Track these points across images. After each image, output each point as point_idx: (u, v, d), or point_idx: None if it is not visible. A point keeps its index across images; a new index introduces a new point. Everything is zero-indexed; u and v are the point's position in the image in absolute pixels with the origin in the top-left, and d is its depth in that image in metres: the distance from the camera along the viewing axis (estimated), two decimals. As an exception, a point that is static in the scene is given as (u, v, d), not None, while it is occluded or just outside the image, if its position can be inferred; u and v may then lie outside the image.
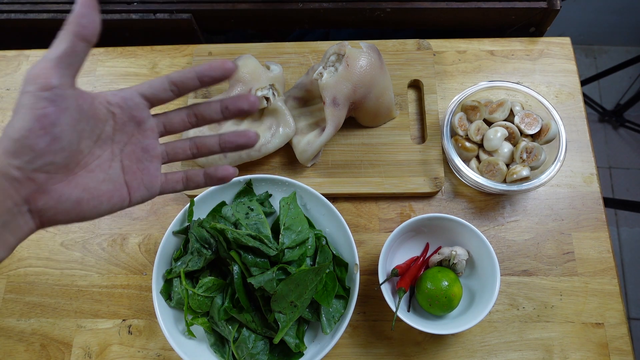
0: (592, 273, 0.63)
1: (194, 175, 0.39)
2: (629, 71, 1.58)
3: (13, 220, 0.31)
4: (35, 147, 0.30)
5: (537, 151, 0.62)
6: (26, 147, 0.30)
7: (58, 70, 0.30)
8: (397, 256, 0.63)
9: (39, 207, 0.32)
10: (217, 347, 0.57)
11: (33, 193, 0.31)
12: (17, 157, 0.30)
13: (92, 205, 0.34)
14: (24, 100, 0.30)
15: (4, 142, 0.30)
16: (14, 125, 0.30)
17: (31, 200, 0.31)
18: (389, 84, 0.67)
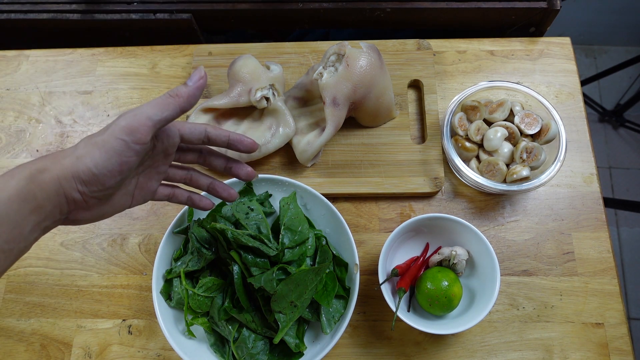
0: (592, 273, 0.63)
1: (179, 195, 0.45)
2: (629, 71, 1.58)
3: (52, 225, 0.36)
4: (106, 184, 0.35)
5: (537, 151, 0.62)
6: (99, 183, 0.35)
7: (154, 130, 0.35)
8: (397, 256, 0.63)
9: (77, 218, 0.37)
10: (217, 347, 0.57)
11: (79, 209, 0.37)
12: (87, 186, 0.35)
13: (108, 212, 0.40)
14: (115, 144, 0.34)
15: (80, 169, 0.34)
16: (98, 162, 0.34)
17: (73, 214, 0.37)
18: (389, 84, 0.67)
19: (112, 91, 0.77)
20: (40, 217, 0.34)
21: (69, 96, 0.77)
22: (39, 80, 0.78)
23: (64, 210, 0.36)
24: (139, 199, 0.42)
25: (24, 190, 0.32)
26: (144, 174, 0.41)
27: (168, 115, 0.35)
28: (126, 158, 0.34)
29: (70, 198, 0.35)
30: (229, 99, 0.66)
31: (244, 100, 0.65)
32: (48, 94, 0.77)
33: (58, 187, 0.34)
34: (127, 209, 0.43)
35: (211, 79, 0.74)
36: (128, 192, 0.40)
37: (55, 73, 0.78)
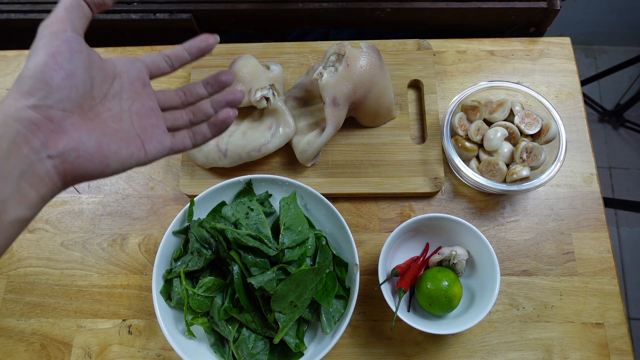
0: (592, 273, 0.63)
1: (199, 129, 0.41)
2: (629, 71, 1.58)
3: (31, 170, 0.30)
4: (50, 81, 0.31)
5: (537, 151, 0.62)
6: (41, 82, 0.30)
7: (69, 18, 0.33)
8: (397, 256, 0.63)
9: (60, 149, 0.31)
10: (217, 347, 0.57)
11: (51, 134, 0.31)
12: (33, 94, 0.30)
13: (113, 149, 0.34)
14: (39, 43, 0.31)
15: (18, 85, 0.31)
16: (29, 65, 0.31)
17: (50, 143, 0.31)
18: (389, 84, 0.67)
19: (112, 91, 0.77)
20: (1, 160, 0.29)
21: (69, 96, 0.77)
22: (39, 80, 0.78)
23: (33, 143, 0.30)
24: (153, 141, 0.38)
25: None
26: (135, 110, 0.37)
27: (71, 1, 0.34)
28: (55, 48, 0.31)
29: (23, 120, 0.30)
30: (229, 99, 0.66)
31: (244, 100, 0.65)
32: (48, 94, 0.77)
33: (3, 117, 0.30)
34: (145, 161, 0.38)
35: (211, 79, 0.74)
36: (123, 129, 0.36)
37: (55, 73, 0.78)
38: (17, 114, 0.30)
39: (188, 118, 0.41)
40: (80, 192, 0.70)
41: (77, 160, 0.32)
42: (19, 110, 0.30)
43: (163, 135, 0.39)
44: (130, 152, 0.36)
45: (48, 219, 0.69)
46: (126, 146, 0.36)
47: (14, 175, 0.29)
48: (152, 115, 0.39)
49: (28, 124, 0.30)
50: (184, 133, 0.41)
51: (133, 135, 0.37)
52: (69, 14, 0.33)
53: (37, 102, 0.30)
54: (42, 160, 0.31)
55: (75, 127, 0.32)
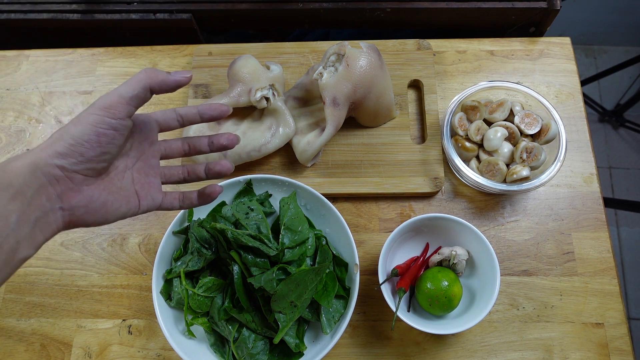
0: (592, 273, 0.63)
1: (189, 194, 0.46)
2: (629, 71, 1.58)
3: (45, 217, 0.34)
4: (85, 154, 0.35)
5: (537, 151, 0.62)
6: (77, 153, 0.34)
7: (128, 107, 0.36)
8: (397, 256, 0.63)
9: (72, 204, 0.35)
10: (217, 347, 0.57)
11: (68, 190, 0.35)
12: (65, 158, 0.34)
13: (115, 207, 0.39)
14: (89, 119, 0.35)
15: (55, 143, 0.34)
16: (73, 133, 0.34)
17: (64, 198, 0.35)
18: (389, 84, 0.67)
19: (112, 91, 0.77)
20: (24, 204, 0.32)
21: (69, 96, 0.77)
22: (39, 80, 0.78)
23: (51, 195, 0.34)
24: (147, 198, 0.42)
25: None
26: (137, 168, 0.41)
27: (139, 92, 0.37)
28: (102, 130, 0.35)
29: (49, 175, 0.34)
30: (229, 99, 0.66)
31: (244, 100, 0.65)
32: (48, 94, 0.77)
33: (32, 167, 0.33)
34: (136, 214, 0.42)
35: (211, 79, 0.74)
36: (124, 186, 0.40)
37: (55, 73, 0.78)
38: (46, 169, 0.34)
39: (183, 176, 0.46)
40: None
41: (84, 215, 0.37)
42: (48, 165, 0.34)
43: (157, 194, 0.43)
44: (128, 208, 0.40)
45: (48, 219, 0.69)
46: (126, 204, 0.40)
47: (31, 220, 0.33)
48: (151, 173, 0.43)
49: (52, 179, 0.34)
50: (174, 194, 0.45)
51: (132, 192, 0.41)
52: (130, 102, 0.36)
53: (67, 166, 0.34)
54: (54, 210, 0.35)
55: (89, 188, 0.37)
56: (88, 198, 0.36)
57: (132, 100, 0.36)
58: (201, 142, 0.46)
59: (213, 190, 0.45)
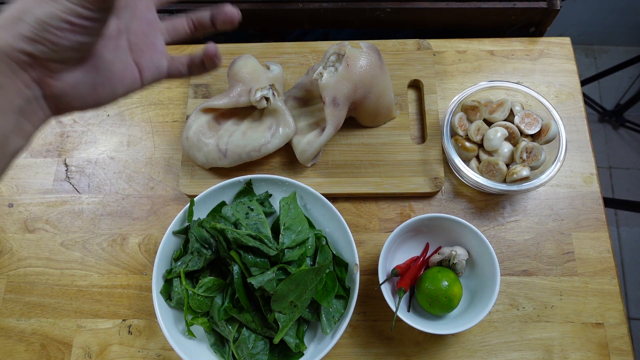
0: (592, 273, 0.63)
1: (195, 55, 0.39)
2: (629, 71, 1.58)
3: (28, 106, 0.30)
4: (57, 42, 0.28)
5: (537, 151, 0.62)
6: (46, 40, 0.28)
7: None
8: (397, 256, 0.63)
9: (53, 92, 0.31)
10: (217, 347, 0.57)
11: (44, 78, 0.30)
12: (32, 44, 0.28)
13: (108, 89, 0.33)
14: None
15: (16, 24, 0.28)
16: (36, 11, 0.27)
17: (44, 85, 0.30)
18: (389, 84, 0.67)
19: (112, 91, 0.77)
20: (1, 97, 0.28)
21: (69, 96, 0.77)
22: (39, 80, 0.78)
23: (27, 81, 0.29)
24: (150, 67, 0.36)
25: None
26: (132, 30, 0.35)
27: None
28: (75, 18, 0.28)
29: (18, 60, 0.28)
30: (229, 99, 0.66)
31: (244, 100, 0.65)
32: (48, 94, 0.77)
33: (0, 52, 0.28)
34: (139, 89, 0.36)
35: (211, 79, 0.74)
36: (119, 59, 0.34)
37: (55, 73, 0.78)
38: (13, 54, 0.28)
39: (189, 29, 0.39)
40: (80, 192, 0.70)
41: (71, 102, 0.32)
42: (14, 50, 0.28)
43: (161, 58, 0.37)
44: (125, 86, 0.35)
45: (48, 219, 0.69)
46: (122, 81, 0.34)
47: (14, 111, 0.29)
48: (151, 31, 0.36)
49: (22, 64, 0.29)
50: (181, 58, 0.39)
51: (130, 63, 0.35)
52: None
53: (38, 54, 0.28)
54: (38, 98, 0.31)
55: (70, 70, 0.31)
56: (71, 83, 0.31)
57: None
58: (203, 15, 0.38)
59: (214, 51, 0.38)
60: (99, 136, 0.74)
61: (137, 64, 0.35)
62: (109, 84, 0.33)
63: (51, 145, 0.74)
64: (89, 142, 0.74)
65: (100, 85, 0.33)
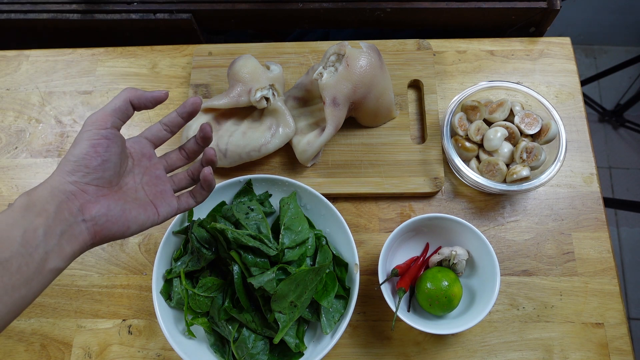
0: (592, 273, 0.63)
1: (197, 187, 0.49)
2: (629, 71, 1.58)
3: (70, 230, 0.38)
4: (89, 165, 0.40)
5: (537, 151, 0.62)
6: (81, 166, 0.40)
7: (112, 118, 0.42)
8: (397, 256, 0.63)
9: (92, 214, 0.40)
10: (217, 347, 0.57)
11: (86, 202, 0.40)
12: (74, 173, 0.39)
13: (134, 215, 0.43)
14: (84, 136, 0.40)
15: (64, 166, 0.40)
16: (73, 152, 0.40)
17: (85, 209, 0.39)
18: (389, 84, 0.67)
19: (112, 91, 0.77)
20: (48, 219, 0.37)
21: (69, 96, 0.77)
22: (39, 80, 0.78)
23: (72, 209, 0.38)
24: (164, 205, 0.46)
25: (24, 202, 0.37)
26: (145, 182, 0.46)
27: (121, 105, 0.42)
28: (95, 140, 0.40)
29: (66, 192, 0.39)
30: (229, 99, 0.66)
31: (244, 100, 0.65)
32: (48, 94, 0.77)
33: (50, 189, 0.38)
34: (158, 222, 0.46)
35: (211, 79, 0.74)
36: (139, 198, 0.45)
37: (55, 73, 0.78)
38: (62, 187, 0.39)
39: (190, 178, 0.50)
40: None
41: (106, 224, 0.40)
42: (63, 184, 0.39)
43: (171, 199, 0.47)
44: (147, 216, 0.44)
45: (48, 219, 0.69)
46: (144, 212, 0.44)
47: (56, 233, 0.37)
48: (160, 182, 0.47)
49: (69, 194, 0.39)
50: (187, 194, 0.49)
51: (148, 202, 0.45)
52: (113, 115, 0.42)
53: (77, 180, 0.40)
54: (78, 223, 0.39)
55: (105, 198, 0.41)
56: (106, 207, 0.41)
57: (115, 112, 0.42)
58: (190, 143, 0.50)
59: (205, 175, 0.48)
60: (99, 136, 0.74)
61: (154, 203, 0.46)
62: (134, 211, 0.43)
63: (51, 145, 0.74)
64: (89, 142, 0.74)
65: (128, 211, 0.42)
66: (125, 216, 0.42)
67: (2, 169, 0.73)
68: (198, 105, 0.48)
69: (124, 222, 0.42)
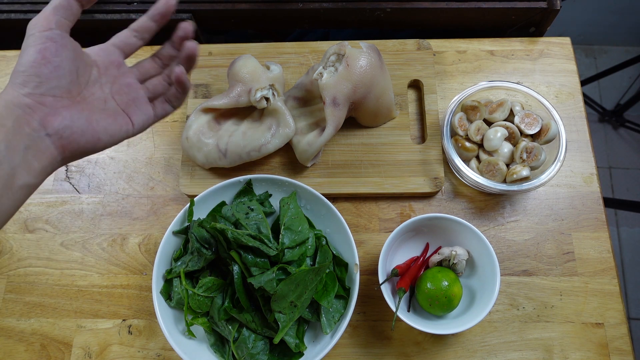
0: (592, 273, 0.63)
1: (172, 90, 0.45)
2: (629, 71, 1.58)
3: (34, 145, 0.36)
4: (40, 73, 0.36)
5: (537, 151, 0.62)
6: (32, 75, 0.36)
7: (55, 17, 0.38)
8: (397, 256, 0.63)
9: (55, 127, 0.37)
10: (217, 347, 0.57)
11: (46, 115, 0.37)
12: (26, 85, 0.36)
13: (102, 125, 0.40)
14: (29, 42, 0.37)
15: (13, 78, 0.36)
16: (21, 62, 0.36)
17: (46, 123, 0.37)
18: (389, 84, 0.67)
19: (112, 91, 0.77)
20: (8, 134, 0.35)
21: (69, 96, 0.77)
22: (39, 80, 0.78)
23: (32, 123, 0.36)
24: (138, 113, 0.43)
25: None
26: (115, 91, 0.43)
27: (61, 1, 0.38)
28: (42, 45, 0.36)
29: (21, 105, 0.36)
30: (229, 99, 0.66)
31: (243, 100, 0.65)
32: (48, 94, 0.77)
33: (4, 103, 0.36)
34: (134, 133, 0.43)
35: (211, 79, 0.74)
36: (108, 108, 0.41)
37: (55, 73, 0.78)
38: (16, 100, 0.36)
39: (166, 83, 0.46)
40: (80, 192, 0.70)
41: (72, 136, 0.38)
42: (16, 97, 0.36)
43: (146, 107, 0.44)
44: (119, 127, 0.41)
45: (48, 219, 0.69)
46: (114, 122, 0.41)
47: (20, 148, 0.35)
48: (132, 91, 0.44)
49: (26, 108, 0.36)
50: (162, 99, 0.45)
51: (119, 111, 0.42)
52: (56, 13, 0.38)
53: (31, 91, 0.36)
54: (41, 137, 0.36)
55: (66, 108, 0.38)
56: (69, 118, 0.38)
57: (57, 9, 0.38)
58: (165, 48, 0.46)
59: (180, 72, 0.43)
60: (99, 136, 0.74)
61: (126, 112, 0.43)
62: (102, 121, 0.40)
63: (51, 145, 0.74)
64: (89, 142, 0.74)
65: (94, 121, 0.39)
66: (93, 127, 0.39)
67: (2, 169, 0.73)
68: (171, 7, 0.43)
69: (92, 134, 0.39)
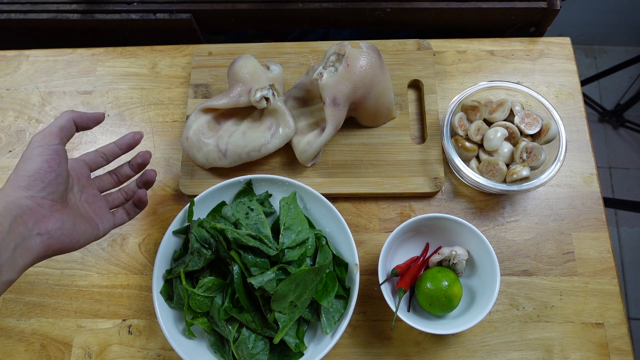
0: (592, 273, 0.63)
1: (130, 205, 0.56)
2: (629, 71, 1.58)
3: (24, 243, 0.40)
4: (44, 179, 0.42)
5: (537, 151, 0.62)
6: (38, 180, 0.42)
7: (60, 134, 0.45)
8: (397, 256, 0.63)
9: (48, 228, 0.42)
10: (217, 347, 0.57)
11: (42, 217, 0.42)
12: (30, 188, 0.42)
13: (82, 229, 0.46)
14: (35, 152, 0.43)
15: (17, 181, 0.42)
16: (26, 168, 0.42)
17: (41, 224, 0.41)
18: (389, 84, 0.67)
19: (112, 91, 0.77)
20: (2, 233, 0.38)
21: (69, 96, 0.77)
22: (39, 80, 0.78)
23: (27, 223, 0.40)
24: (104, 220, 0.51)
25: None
26: (84, 199, 0.50)
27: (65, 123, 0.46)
28: (47, 155, 0.43)
29: (22, 207, 0.40)
30: (229, 99, 0.66)
31: (243, 100, 0.65)
32: (48, 94, 0.77)
33: (5, 204, 0.40)
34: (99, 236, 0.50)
35: (211, 79, 0.74)
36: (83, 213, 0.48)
37: (55, 73, 0.78)
38: (17, 202, 0.41)
39: (123, 197, 0.56)
40: (80, 192, 0.70)
41: (60, 238, 0.43)
42: (18, 198, 0.41)
43: (108, 215, 0.52)
44: (91, 231, 0.48)
45: (48, 219, 0.69)
46: (89, 227, 0.48)
47: (10, 247, 0.38)
48: (97, 200, 0.52)
49: (25, 209, 0.41)
50: (121, 210, 0.55)
51: (90, 217, 0.49)
52: (61, 132, 0.45)
53: (34, 194, 0.42)
54: (33, 236, 0.41)
55: (59, 212, 0.44)
56: (60, 221, 0.43)
57: (62, 130, 0.45)
58: (124, 168, 0.55)
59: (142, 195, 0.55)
60: (99, 136, 0.74)
61: (94, 219, 0.50)
62: (82, 226, 0.47)
63: (51, 145, 0.74)
64: (89, 142, 0.74)
65: (78, 225, 0.46)
66: (76, 230, 0.45)
67: (2, 169, 0.73)
68: (137, 140, 0.54)
69: (74, 236, 0.45)
